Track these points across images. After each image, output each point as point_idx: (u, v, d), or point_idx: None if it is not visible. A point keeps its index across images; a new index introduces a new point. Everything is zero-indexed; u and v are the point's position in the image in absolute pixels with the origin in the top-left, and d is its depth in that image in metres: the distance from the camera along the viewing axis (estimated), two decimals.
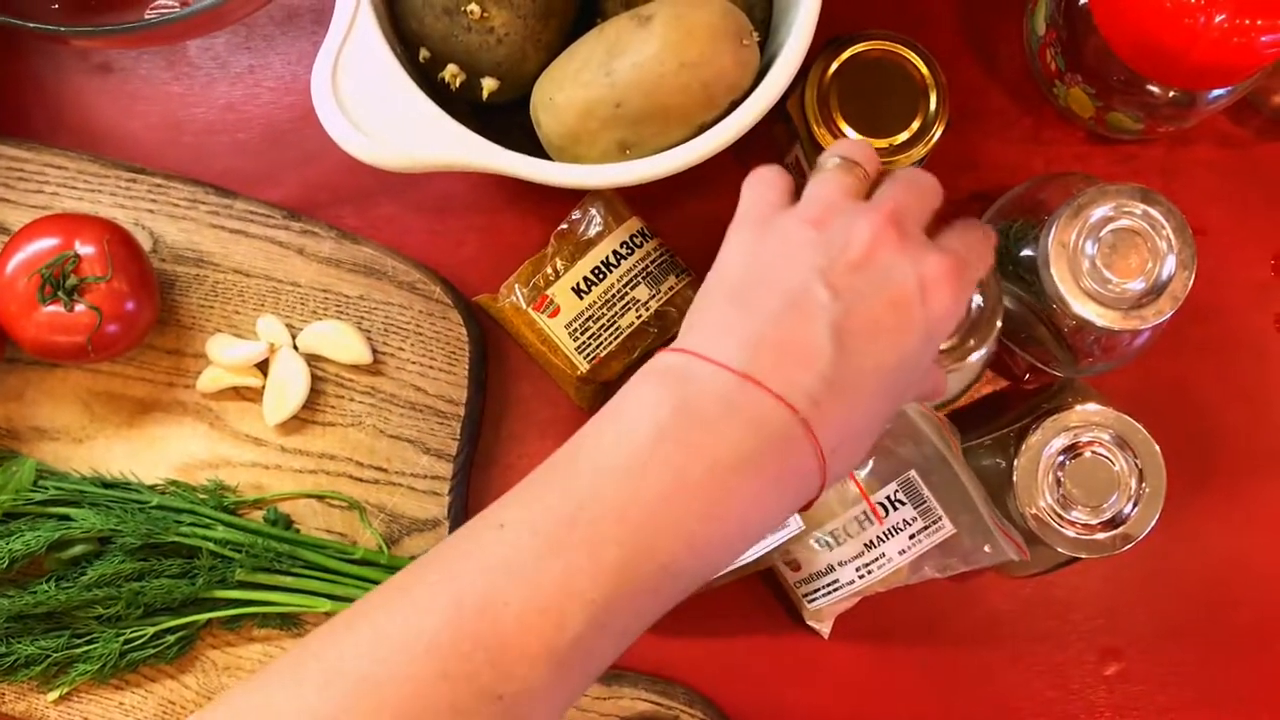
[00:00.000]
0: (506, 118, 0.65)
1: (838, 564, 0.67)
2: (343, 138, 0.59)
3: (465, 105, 0.65)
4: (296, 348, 0.71)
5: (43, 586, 0.67)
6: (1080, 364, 0.66)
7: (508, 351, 0.73)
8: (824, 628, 0.71)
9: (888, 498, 0.66)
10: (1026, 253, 0.64)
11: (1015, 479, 0.63)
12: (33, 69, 0.75)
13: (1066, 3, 0.65)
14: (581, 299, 0.68)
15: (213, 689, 0.69)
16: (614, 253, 0.68)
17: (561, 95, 0.60)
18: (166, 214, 0.72)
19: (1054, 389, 0.68)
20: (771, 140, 0.71)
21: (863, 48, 0.65)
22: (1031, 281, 0.63)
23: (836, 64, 0.64)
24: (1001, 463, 0.65)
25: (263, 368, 0.71)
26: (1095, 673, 0.72)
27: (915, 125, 0.64)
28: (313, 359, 0.71)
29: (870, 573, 0.67)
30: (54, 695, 0.68)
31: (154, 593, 0.67)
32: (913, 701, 0.72)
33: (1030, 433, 0.63)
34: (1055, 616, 0.72)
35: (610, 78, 0.59)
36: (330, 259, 0.71)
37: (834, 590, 0.68)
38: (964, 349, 0.61)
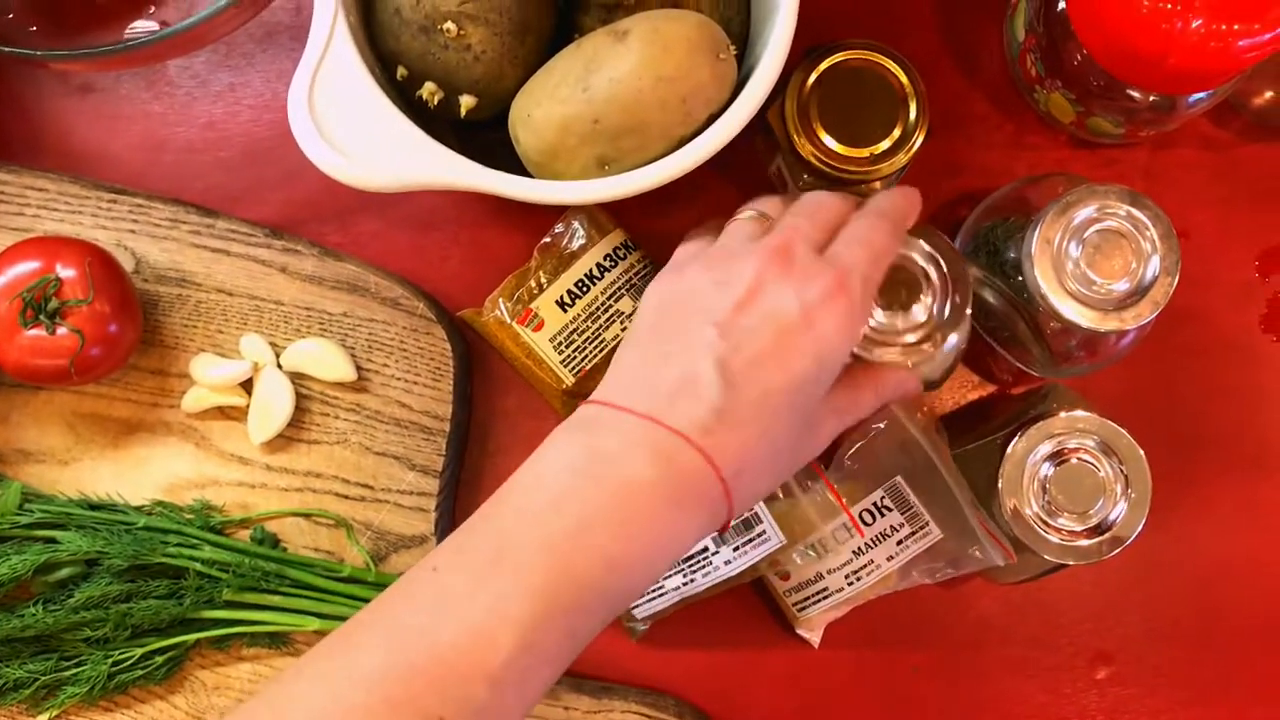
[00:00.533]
0: (486, 135, 0.65)
1: (826, 572, 0.67)
2: (320, 159, 0.58)
3: (444, 123, 0.65)
4: (280, 366, 0.71)
5: (30, 610, 0.67)
6: (1061, 365, 0.66)
7: (492, 366, 0.73)
8: (814, 637, 0.71)
9: (874, 504, 0.66)
10: (1011, 252, 0.64)
11: (1001, 486, 0.63)
12: (12, 91, 0.75)
13: (1045, 9, 0.65)
14: (566, 312, 0.68)
15: (202, 709, 0.69)
16: (597, 265, 0.68)
17: (539, 111, 0.60)
18: (148, 234, 0.72)
19: (1039, 395, 0.68)
20: (753, 152, 0.71)
21: (841, 57, 0.64)
22: (1015, 279, 0.63)
23: (816, 74, 0.64)
24: (987, 470, 0.65)
25: (247, 387, 0.71)
26: (1086, 677, 0.72)
27: (896, 133, 0.64)
28: (297, 377, 0.71)
29: (859, 579, 0.67)
30: (43, 718, 0.68)
31: (142, 614, 0.67)
32: (904, 709, 0.72)
33: (1015, 440, 0.63)
34: (1045, 622, 0.72)
35: (588, 93, 0.59)
36: (313, 276, 0.71)
37: (824, 598, 0.68)
38: (936, 338, 0.60)
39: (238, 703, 0.69)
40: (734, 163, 0.69)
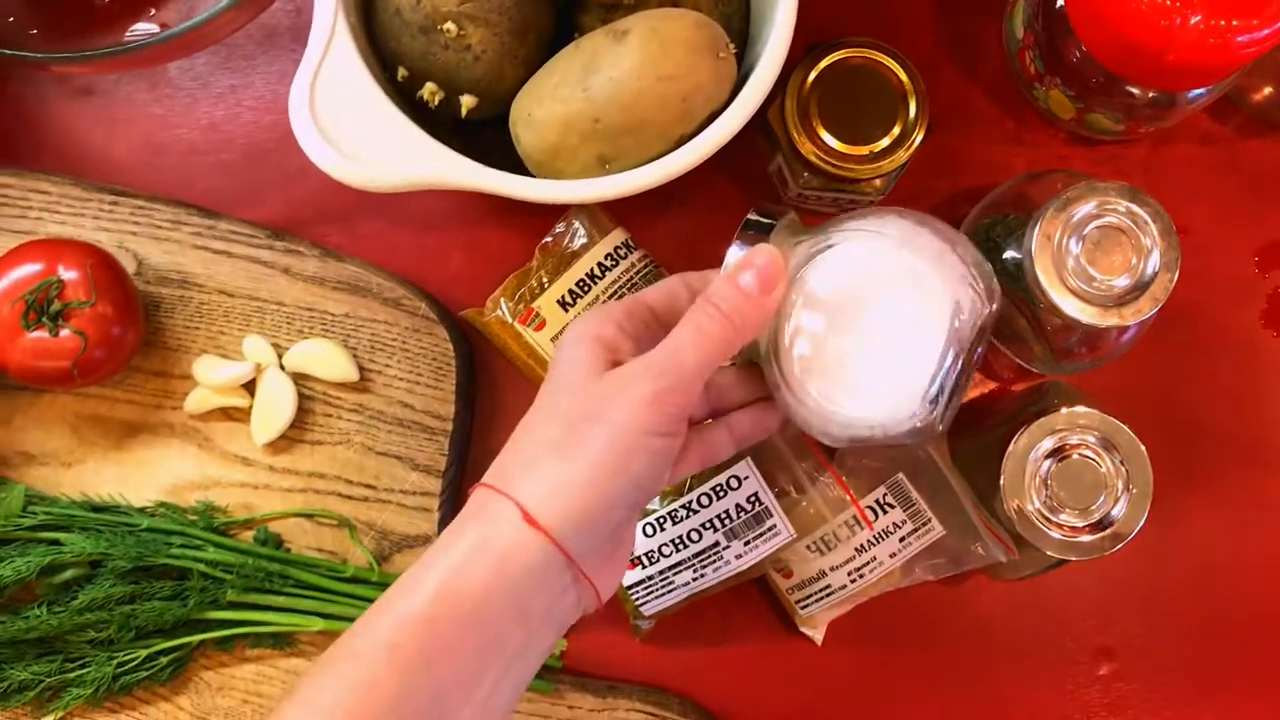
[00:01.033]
0: (487, 135, 0.65)
1: (829, 569, 0.67)
2: (321, 159, 0.59)
3: (445, 123, 0.65)
4: (283, 367, 0.71)
5: (35, 611, 0.67)
6: (1061, 362, 0.66)
7: (494, 365, 0.73)
8: (817, 634, 0.71)
9: (877, 501, 0.66)
10: (1011, 249, 0.64)
11: (1003, 483, 0.63)
12: (14, 94, 0.75)
13: (1044, 6, 0.65)
14: (567, 312, 0.68)
15: (207, 710, 0.69)
16: (599, 265, 0.68)
17: (540, 111, 0.60)
18: (150, 236, 0.72)
19: (1040, 392, 0.68)
20: (753, 150, 0.71)
21: (841, 55, 0.65)
22: (1016, 276, 0.63)
23: (815, 72, 0.64)
24: (989, 466, 0.65)
25: (250, 388, 0.71)
26: (1089, 673, 0.72)
27: (896, 131, 0.64)
28: (299, 378, 0.71)
29: (862, 576, 0.67)
30: None
31: (146, 615, 0.67)
32: (907, 706, 0.72)
33: (1016, 436, 0.63)
34: (1047, 618, 0.72)
35: (588, 93, 0.59)
36: (315, 277, 0.71)
37: (826, 596, 0.68)
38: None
39: (242, 703, 0.69)
40: (734, 161, 0.70)
